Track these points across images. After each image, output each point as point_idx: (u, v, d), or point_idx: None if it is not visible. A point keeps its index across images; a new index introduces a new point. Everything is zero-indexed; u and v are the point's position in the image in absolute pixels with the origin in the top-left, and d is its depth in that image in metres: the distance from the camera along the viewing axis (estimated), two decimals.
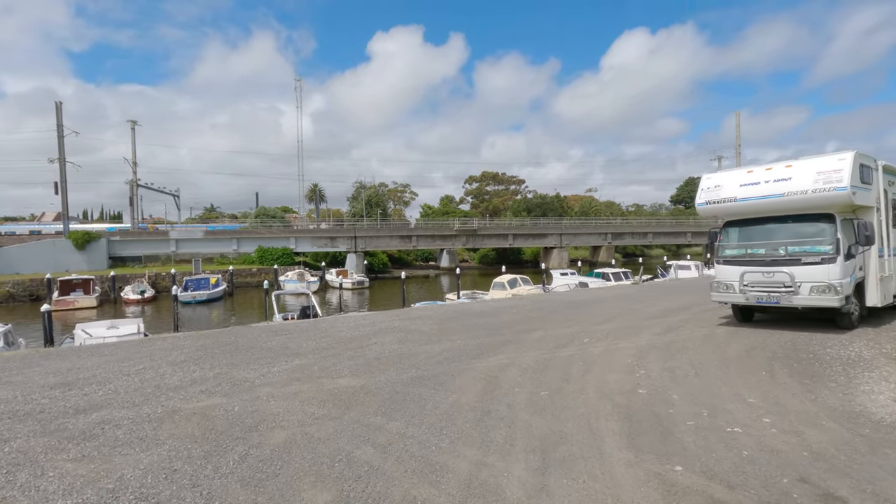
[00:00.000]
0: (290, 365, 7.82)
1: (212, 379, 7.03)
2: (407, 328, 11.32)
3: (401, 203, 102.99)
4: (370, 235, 52.75)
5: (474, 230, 55.38)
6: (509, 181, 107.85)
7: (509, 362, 7.66)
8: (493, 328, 11.01)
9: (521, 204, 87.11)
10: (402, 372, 7.19)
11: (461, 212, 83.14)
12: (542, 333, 10.18)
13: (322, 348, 9.17)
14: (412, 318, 12.89)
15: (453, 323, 11.97)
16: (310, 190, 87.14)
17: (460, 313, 13.76)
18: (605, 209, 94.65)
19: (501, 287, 25.62)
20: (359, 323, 12.38)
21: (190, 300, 35.12)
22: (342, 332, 10.92)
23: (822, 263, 8.95)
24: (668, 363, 7.34)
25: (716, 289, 10.36)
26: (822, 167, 8.99)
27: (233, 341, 10.10)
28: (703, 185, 10.73)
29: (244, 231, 54.40)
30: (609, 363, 7.45)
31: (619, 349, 8.44)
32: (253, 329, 11.91)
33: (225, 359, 8.42)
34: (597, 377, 6.66)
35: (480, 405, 5.54)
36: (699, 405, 5.33)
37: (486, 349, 8.71)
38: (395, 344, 9.46)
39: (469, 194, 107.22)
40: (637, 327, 10.67)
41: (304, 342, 9.84)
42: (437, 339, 9.88)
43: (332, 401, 5.84)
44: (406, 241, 54.23)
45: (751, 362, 7.21)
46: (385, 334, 10.54)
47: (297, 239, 52.01)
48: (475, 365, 7.54)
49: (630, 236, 64.07)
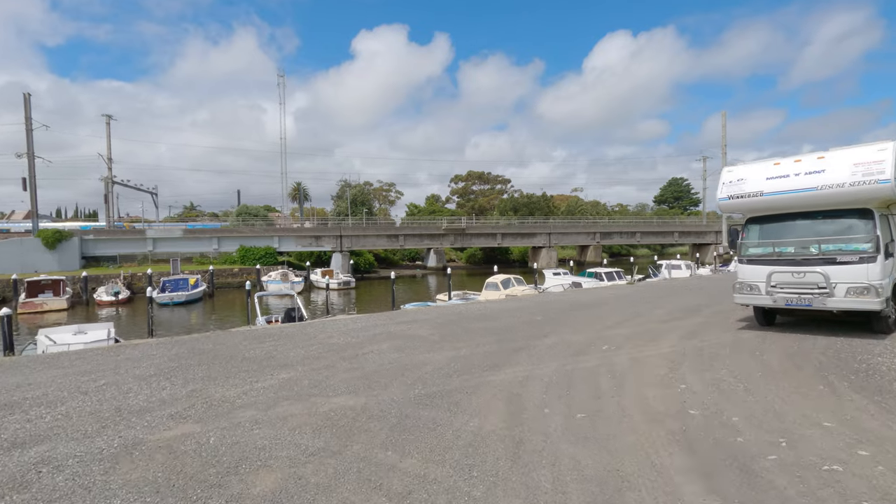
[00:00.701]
0: (276, 379, 6.80)
1: (184, 398, 5.99)
2: (404, 333, 10.36)
3: (386, 202, 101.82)
4: (356, 234, 51.46)
5: (462, 229, 54.47)
6: (495, 181, 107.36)
7: (527, 375, 6.77)
8: (498, 333, 10.11)
9: (508, 203, 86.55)
10: (408, 388, 6.24)
11: (448, 211, 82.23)
12: (554, 339, 9.32)
13: (312, 358, 8.16)
14: (408, 322, 11.93)
15: (454, 327, 11.05)
16: (293, 188, 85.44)
17: (459, 316, 12.84)
18: (591, 209, 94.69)
19: (495, 287, 24.75)
20: (350, 327, 11.38)
21: (167, 302, 33.54)
22: (333, 339, 9.91)
23: (861, 263, 8.24)
24: (708, 375, 6.52)
25: (739, 290, 9.61)
26: (860, 158, 8.28)
27: (211, 349, 9.03)
28: (724, 178, 9.97)
29: (225, 230, 52.61)
30: (641, 375, 6.60)
31: (645, 358, 7.61)
32: (234, 335, 10.83)
33: (201, 371, 7.37)
34: (633, 393, 5.80)
35: (510, 433, 4.62)
36: (770, 431, 4.49)
37: (498, 359, 7.80)
38: (393, 352, 8.50)
39: (455, 193, 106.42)
40: (653, 332, 9.88)
41: (292, 350, 8.82)
42: (440, 346, 8.95)
43: (328, 428, 4.87)
44: (393, 241, 53.08)
45: (800, 374, 6.43)
46: (381, 341, 9.56)
47: (281, 238, 50.48)
48: (490, 379, 6.62)
49: (618, 236, 63.89)
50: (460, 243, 55.56)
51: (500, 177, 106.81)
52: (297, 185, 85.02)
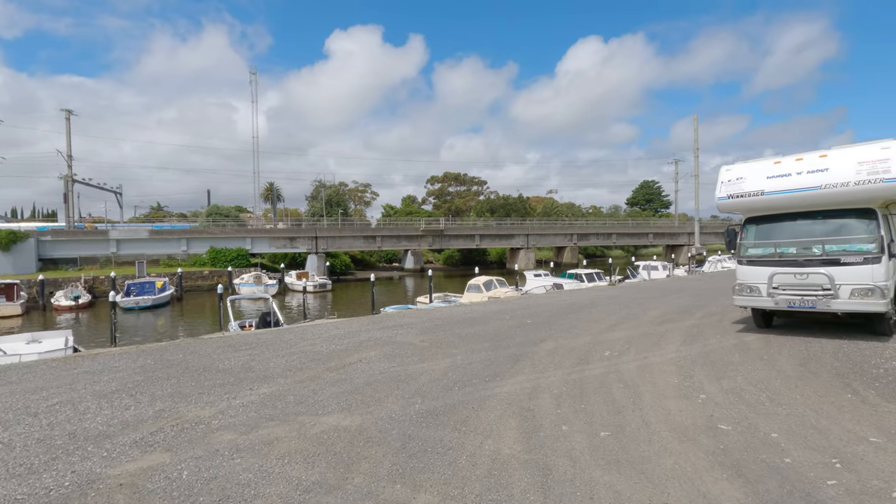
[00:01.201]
0: (256, 395, 6.10)
1: (151, 420, 5.25)
2: (392, 340, 9.74)
3: (361, 203, 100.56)
4: (332, 236, 50.29)
5: (441, 231, 53.90)
6: (471, 182, 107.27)
7: (534, 386, 6.25)
8: (491, 339, 9.60)
9: (485, 205, 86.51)
10: (406, 403, 5.64)
11: (425, 212, 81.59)
12: (552, 345, 8.85)
13: (295, 369, 7.46)
14: (393, 328, 11.30)
15: (443, 333, 10.48)
16: (266, 188, 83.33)
17: (446, 321, 12.28)
18: (566, 210, 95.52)
19: (477, 289, 24.27)
20: (332, 334, 10.68)
21: (132, 306, 31.87)
22: (315, 347, 9.21)
23: (866, 263, 8.05)
24: (724, 383, 6.14)
25: (739, 292, 9.35)
26: (865, 157, 8.09)
27: (181, 360, 8.22)
28: (722, 177, 9.71)
29: (195, 231, 50.63)
30: (655, 385, 6.17)
31: (653, 365, 7.21)
32: (206, 343, 9.99)
33: (170, 386, 6.60)
34: (653, 406, 5.35)
35: (531, 457, 4.08)
36: (817, 450, 4.09)
37: (498, 367, 7.27)
38: (383, 361, 7.87)
39: (431, 194, 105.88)
40: (653, 335, 9.53)
41: (272, 360, 8.10)
42: (433, 353, 8.37)
43: (323, 455, 4.23)
44: (370, 242, 52.12)
45: (819, 381, 6.11)
46: (368, 348, 8.92)
47: (254, 239, 48.91)
48: (495, 390, 6.08)
49: (594, 237, 64.47)
50: (438, 245, 55.01)
51: (477, 178, 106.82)
52: (269, 185, 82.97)
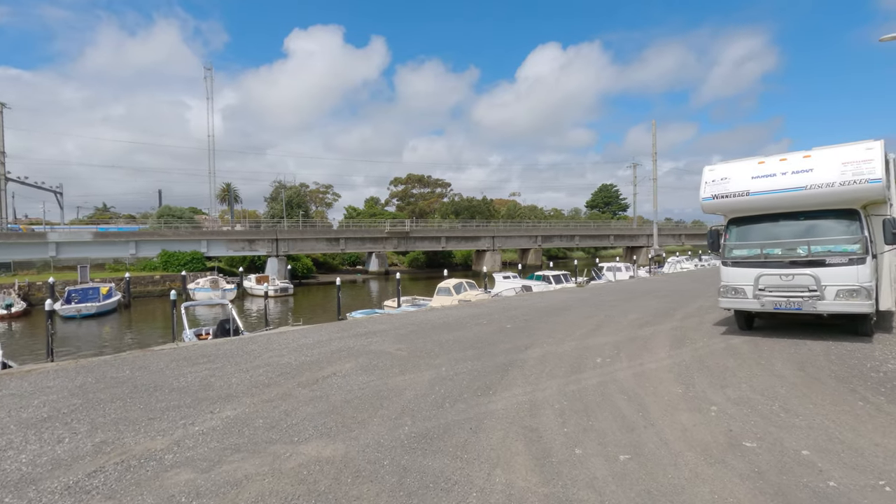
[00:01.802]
0: (218, 419, 5.31)
1: (89, 456, 4.39)
2: (366, 349, 9.03)
3: (323, 204, 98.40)
4: (294, 238, 48.59)
5: (406, 233, 53.07)
6: (435, 184, 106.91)
7: (531, 400, 5.74)
8: (474, 346, 9.06)
9: (450, 207, 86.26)
10: (394, 425, 5.00)
11: (389, 214, 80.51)
12: (539, 352, 8.39)
13: (262, 385, 6.67)
14: (366, 335, 10.58)
15: (420, 340, 9.86)
16: (222, 189, 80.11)
17: (422, 327, 11.66)
18: (529, 213, 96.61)
19: (447, 292, 23.73)
20: (300, 343, 9.86)
21: (74, 314, 29.53)
22: (283, 358, 8.40)
23: (851, 264, 8.01)
24: (730, 392, 5.82)
25: (723, 294, 9.19)
26: (849, 157, 8.06)
27: (128, 378, 7.24)
28: (706, 177, 9.56)
29: (145, 233, 47.75)
30: (659, 395, 5.78)
31: (649, 373, 6.85)
32: (158, 356, 8.97)
33: (115, 411, 5.69)
34: (665, 420, 4.94)
35: (550, 490, 3.54)
36: (856, 469, 3.74)
37: (487, 378, 6.73)
38: (360, 374, 7.18)
39: (394, 196, 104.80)
40: (639, 340, 9.24)
41: (234, 375, 7.25)
42: (414, 364, 7.74)
43: (305, 498, 3.55)
44: (333, 244, 50.70)
45: (825, 387, 5.89)
46: (341, 359, 8.19)
47: (210, 242, 46.60)
48: (490, 406, 5.53)
49: (559, 239, 65.28)
50: (404, 247, 54.20)
51: (441, 180, 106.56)
52: (226, 185, 79.82)
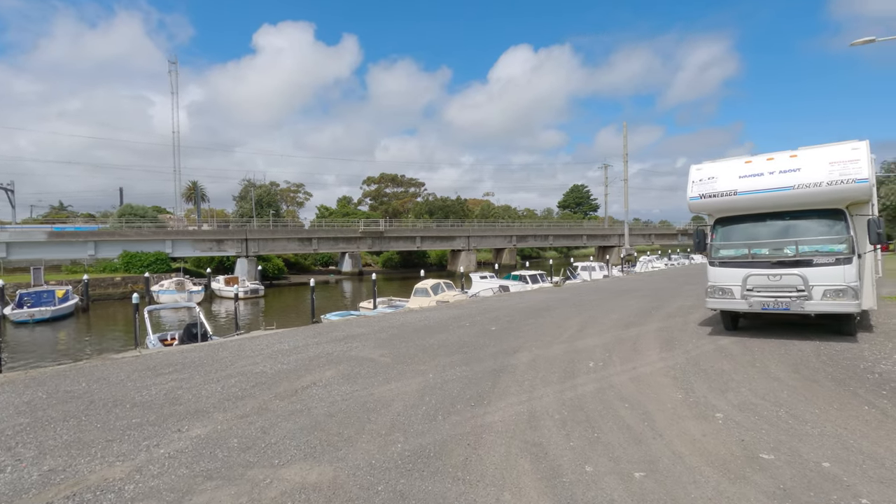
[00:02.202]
0: (187, 439, 4.78)
1: (35, 488, 3.83)
2: (347, 355, 8.56)
3: (294, 204, 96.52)
4: (264, 238, 47.22)
5: (380, 232, 52.31)
6: (409, 183, 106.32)
7: (529, 410, 5.42)
8: (459, 350, 8.70)
9: (423, 206, 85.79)
10: (386, 442, 4.58)
11: (362, 213, 79.46)
12: (528, 356, 8.10)
13: (235, 398, 6.14)
14: (345, 340, 10.09)
15: (403, 345, 9.44)
16: (188, 188, 77.50)
17: (402, 330, 11.24)
18: (503, 213, 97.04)
19: (424, 293, 23.32)
20: (275, 349, 9.30)
21: (26, 319, 27.78)
22: (257, 366, 7.85)
23: (838, 264, 8.01)
24: (731, 397, 5.63)
25: (711, 294, 9.10)
26: (836, 157, 8.07)
27: (84, 391, 6.58)
28: (693, 176, 9.46)
29: (105, 232, 45.50)
30: (660, 402, 5.54)
31: (645, 377, 6.63)
32: (118, 366, 8.27)
33: (67, 432, 5.08)
34: (673, 430, 4.68)
35: None
36: (884, 483, 3.55)
37: (479, 386, 6.37)
38: (343, 383, 6.72)
39: (367, 196, 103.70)
40: (627, 341, 9.06)
41: (204, 387, 6.68)
42: (399, 372, 7.32)
43: None
44: (305, 245, 49.53)
45: (825, 390, 5.77)
46: (321, 367, 7.70)
47: (175, 242, 44.82)
48: (486, 418, 5.17)
49: (533, 239, 65.64)
50: (378, 247, 53.43)
51: (414, 180, 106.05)
52: (192, 184, 77.25)
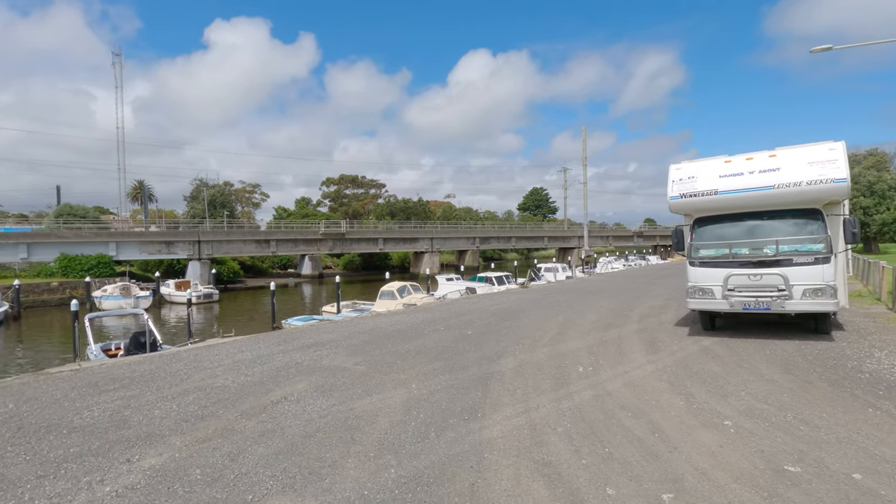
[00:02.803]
0: (139, 472, 4.06)
1: None
2: (317, 364, 7.90)
3: (250, 205, 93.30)
4: (218, 240, 45.00)
5: (342, 234, 50.96)
6: (369, 185, 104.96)
7: (529, 422, 4.99)
8: (439, 356, 8.21)
9: (385, 208, 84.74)
10: (377, 466, 4.04)
11: (322, 214, 77.57)
12: (513, 362, 7.70)
13: (195, 418, 5.40)
14: (313, 347, 9.39)
15: (377, 351, 8.86)
16: (134, 187, 73.49)
17: (374, 335, 10.64)
18: (464, 215, 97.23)
19: (391, 296, 22.66)
20: (237, 359, 8.51)
21: None
22: (217, 380, 7.08)
23: (817, 263, 8.06)
24: (733, 402, 5.41)
25: (692, 295, 9.03)
26: (814, 157, 8.13)
27: (11, 414, 5.66)
28: (673, 176, 9.38)
29: (39, 233, 42.08)
30: (663, 409, 5.25)
31: (639, 382, 6.35)
32: (54, 382, 7.26)
33: None
34: (687, 442, 4.37)
35: None
36: None
37: (468, 397, 5.91)
38: (318, 397, 6.09)
39: (326, 197, 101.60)
40: (610, 344, 8.84)
41: (157, 405, 5.89)
42: (378, 382, 6.75)
43: None
44: (263, 247, 47.59)
45: (823, 392, 5.66)
46: (291, 378, 7.02)
47: (120, 244, 41.99)
48: (485, 434, 4.70)
49: (496, 240, 65.88)
50: (340, 249, 52.06)
51: (375, 181, 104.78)
52: (138, 183, 73.32)
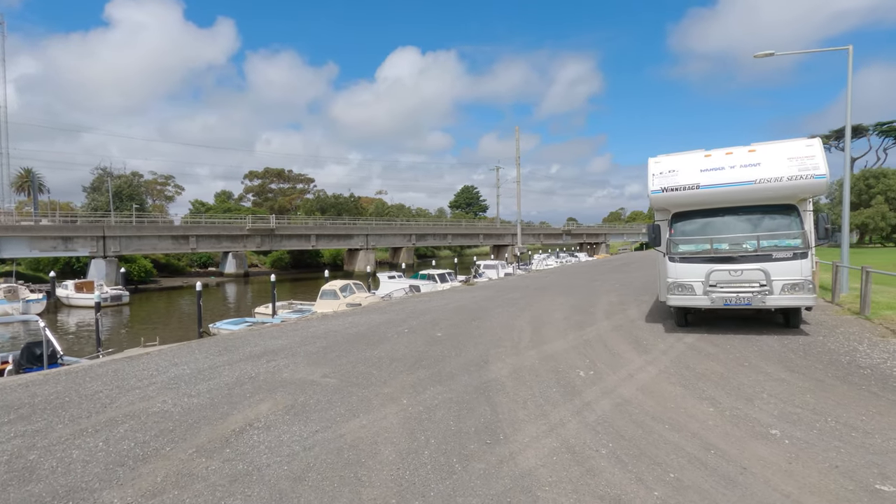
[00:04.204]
0: None
1: None
2: (276, 378, 6.72)
3: (162, 198, 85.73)
4: (128, 235, 40.32)
5: (271, 230, 47.76)
6: (296, 179, 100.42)
7: (563, 443, 4.28)
8: (418, 364, 7.31)
9: (315, 203, 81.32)
10: None
11: (246, 209, 72.73)
12: (504, 368, 6.99)
13: (133, 459, 4.13)
14: (264, 356, 8.12)
15: (343, 359, 7.80)
16: (20, 176, 64.92)
17: (331, 339, 9.51)
18: (397, 211, 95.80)
19: (333, 296, 21.22)
20: (172, 374, 7.08)
21: None
22: (155, 403, 5.72)
23: (795, 259, 8.11)
24: (761, 405, 5.05)
25: (672, 291, 8.82)
26: (793, 153, 8.17)
27: None
28: (653, 169, 9.14)
29: None
30: (699, 420, 4.77)
31: (651, 386, 5.88)
32: None
33: None
34: (750, 458, 3.87)
35: None
36: None
37: (476, 414, 5.10)
38: (293, 421, 5.00)
39: (250, 191, 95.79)
40: (593, 343, 8.41)
41: (76, 445, 4.52)
42: (360, 398, 5.75)
43: None
44: (181, 243, 43.38)
45: (840, 390, 5.48)
46: (250, 397, 5.82)
47: (4, 239, 36.35)
48: (521, 463, 3.91)
49: (433, 237, 65.27)
50: (269, 246, 48.82)
51: (303, 175, 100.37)
52: (26, 170, 64.78)
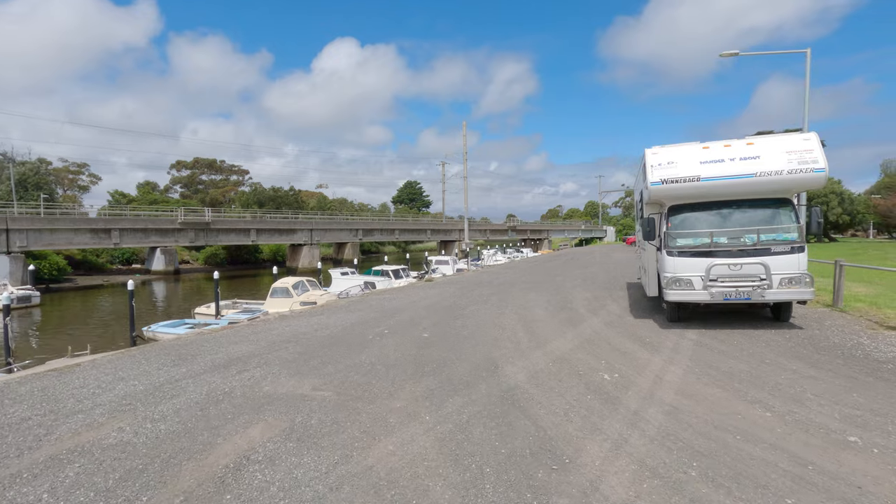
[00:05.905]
0: None
1: None
2: (258, 393, 5.69)
3: (76, 187, 77.94)
4: (37, 228, 35.74)
5: (207, 224, 44.23)
6: (230, 170, 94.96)
7: (642, 465, 3.69)
8: (422, 371, 6.51)
9: (252, 196, 76.88)
10: None
11: (175, 201, 67.46)
12: (519, 372, 6.35)
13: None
14: (232, 365, 6.99)
15: (327, 367, 6.85)
16: None
17: (304, 343, 8.48)
18: (339, 206, 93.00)
19: (285, 293, 19.71)
20: (122, 392, 5.85)
21: None
22: (108, 432, 4.58)
23: (793, 252, 8.09)
24: (816, 408, 4.74)
25: (670, 286, 8.59)
26: (791, 146, 8.13)
27: None
28: (650, 161, 8.84)
29: None
30: (766, 428, 4.35)
31: (690, 389, 5.47)
32: None
33: None
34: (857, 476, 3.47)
35: None
36: None
37: (518, 430, 4.42)
38: (300, 451, 4.09)
39: (178, 182, 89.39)
40: (596, 341, 7.98)
41: (7, 499, 3.36)
42: (372, 416, 4.89)
43: None
44: (102, 237, 39.10)
45: (878, 387, 5.31)
46: (234, 420, 4.80)
47: None
48: (610, 494, 3.27)
49: (380, 233, 63.59)
50: (203, 240, 45.27)
51: (237, 167, 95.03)
52: None
